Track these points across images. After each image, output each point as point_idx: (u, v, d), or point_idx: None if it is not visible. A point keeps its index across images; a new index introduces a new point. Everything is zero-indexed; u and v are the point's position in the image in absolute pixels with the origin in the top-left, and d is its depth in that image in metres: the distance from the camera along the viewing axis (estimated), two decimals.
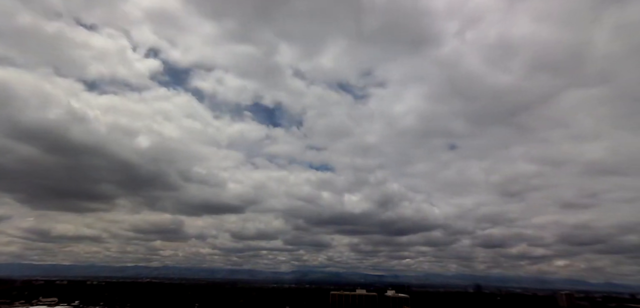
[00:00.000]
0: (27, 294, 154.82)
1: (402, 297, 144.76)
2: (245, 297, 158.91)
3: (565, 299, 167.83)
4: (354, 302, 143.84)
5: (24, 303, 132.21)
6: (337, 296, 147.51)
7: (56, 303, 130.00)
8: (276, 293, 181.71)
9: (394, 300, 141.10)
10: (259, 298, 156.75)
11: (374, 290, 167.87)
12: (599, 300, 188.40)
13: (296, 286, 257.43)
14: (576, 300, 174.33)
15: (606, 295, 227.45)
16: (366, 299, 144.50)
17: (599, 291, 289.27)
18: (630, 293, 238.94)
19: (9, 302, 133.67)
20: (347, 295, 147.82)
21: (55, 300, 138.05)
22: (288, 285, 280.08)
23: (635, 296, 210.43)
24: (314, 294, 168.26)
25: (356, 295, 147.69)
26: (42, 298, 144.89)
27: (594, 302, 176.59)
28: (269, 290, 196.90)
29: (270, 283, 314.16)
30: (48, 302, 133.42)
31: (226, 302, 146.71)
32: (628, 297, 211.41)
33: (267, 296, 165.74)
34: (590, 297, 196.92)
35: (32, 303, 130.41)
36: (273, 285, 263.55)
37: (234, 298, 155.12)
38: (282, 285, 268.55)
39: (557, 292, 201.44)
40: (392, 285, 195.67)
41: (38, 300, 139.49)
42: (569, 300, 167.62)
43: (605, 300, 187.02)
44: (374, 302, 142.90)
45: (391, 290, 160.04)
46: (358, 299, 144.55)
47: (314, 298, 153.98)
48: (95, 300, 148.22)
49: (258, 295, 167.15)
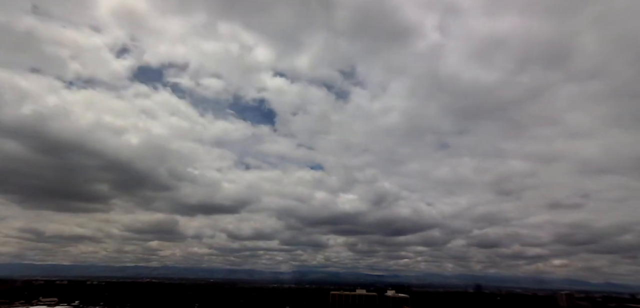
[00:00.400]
0: (27, 294, 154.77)
1: (402, 297, 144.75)
2: (245, 297, 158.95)
3: (565, 299, 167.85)
4: (354, 302, 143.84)
5: (24, 303, 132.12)
6: (337, 296, 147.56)
7: (56, 303, 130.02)
8: (276, 293, 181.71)
9: (394, 300, 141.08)
10: (258, 298, 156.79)
11: (374, 290, 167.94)
12: (599, 300, 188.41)
13: (296, 286, 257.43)
14: (576, 300, 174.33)
15: (606, 295, 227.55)
16: (366, 299, 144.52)
17: (598, 291, 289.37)
18: (630, 293, 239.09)
19: (9, 302, 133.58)
20: (347, 295, 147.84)
21: (55, 300, 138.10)
22: (288, 285, 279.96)
23: (635, 296, 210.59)
24: (313, 294, 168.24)
25: (356, 295, 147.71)
26: (42, 298, 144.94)
27: (594, 302, 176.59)
28: (268, 290, 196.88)
29: (270, 283, 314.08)
30: (48, 301, 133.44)
31: (226, 302, 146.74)
32: (628, 297, 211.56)
33: (267, 296, 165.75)
34: (590, 297, 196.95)
35: (32, 303, 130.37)
36: (273, 285, 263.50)
37: (233, 298, 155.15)
38: (282, 285, 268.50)
39: (557, 292, 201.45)
40: (392, 285, 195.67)
41: (38, 300, 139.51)
42: (569, 300, 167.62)
43: (605, 300, 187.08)
44: (374, 302, 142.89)
45: (391, 290, 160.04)
46: (358, 299, 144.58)
47: (314, 298, 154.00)
48: (95, 300, 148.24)
49: (258, 295, 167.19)
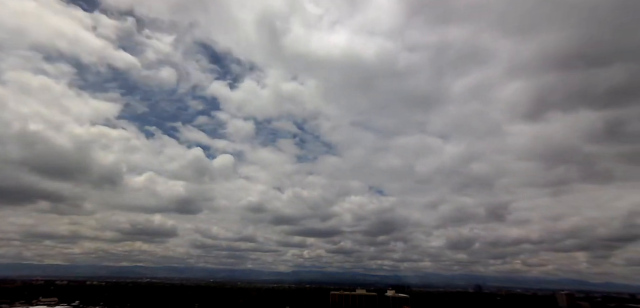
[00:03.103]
0: (27, 294, 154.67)
1: (402, 297, 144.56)
2: (245, 297, 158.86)
3: (565, 299, 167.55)
4: (354, 301, 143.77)
5: (24, 303, 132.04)
6: (337, 296, 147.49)
7: (56, 303, 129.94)
8: (276, 293, 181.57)
9: (394, 300, 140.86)
10: (258, 298, 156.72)
11: (374, 290, 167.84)
12: (599, 300, 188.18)
13: (296, 286, 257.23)
14: (576, 300, 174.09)
15: (606, 295, 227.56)
16: (366, 299, 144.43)
17: (599, 291, 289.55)
18: (630, 293, 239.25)
19: (9, 302, 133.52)
20: (347, 295, 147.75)
21: (55, 300, 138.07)
22: (288, 285, 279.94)
23: (635, 296, 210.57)
24: (314, 294, 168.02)
25: (356, 295, 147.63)
26: (42, 298, 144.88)
27: (594, 302, 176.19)
28: (268, 290, 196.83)
29: (270, 283, 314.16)
30: (48, 301, 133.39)
31: (226, 302, 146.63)
32: (628, 297, 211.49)
33: (267, 296, 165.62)
34: (590, 297, 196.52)
35: (32, 303, 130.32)
36: (273, 285, 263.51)
37: (233, 298, 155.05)
38: (282, 285, 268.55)
39: (557, 292, 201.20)
40: (392, 285, 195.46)
41: (38, 300, 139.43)
42: (569, 300, 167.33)
43: (605, 300, 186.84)
44: (374, 302, 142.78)
45: (391, 290, 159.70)
46: (358, 299, 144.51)
47: (314, 298, 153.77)
48: (95, 300, 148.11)
49: (258, 295, 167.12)
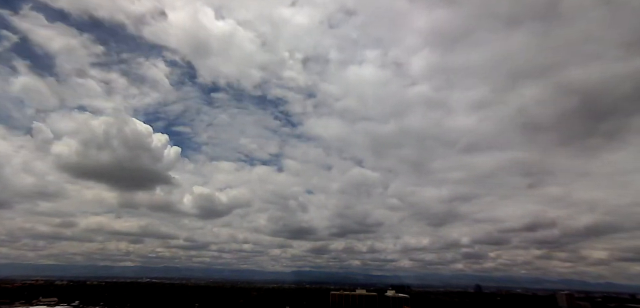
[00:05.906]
0: (27, 294, 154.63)
1: (402, 297, 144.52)
2: (245, 297, 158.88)
3: (565, 299, 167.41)
4: (354, 301, 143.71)
5: (24, 303, 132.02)
6: (337, 296, 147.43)
7: (56, 303, 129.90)
8: (276, 293, 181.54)
9: (394, 300, 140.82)
10: (259, 298, 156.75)
11: (374, 290, 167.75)
12: (599, 300, 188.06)
13: (296, 286, 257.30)
14: (576, 300, 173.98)
15: (606, 295, 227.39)
16: (366, 299, 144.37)
17: (599, 291, 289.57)
18: (630, 293, 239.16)
19: (9, 301, 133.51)
20: (347, 295, 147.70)
21: (55, 300, 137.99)
22: (288, 285, 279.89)
23: (635, 296, 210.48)
24: (314, 294, 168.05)
25: (356, 295, 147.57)
26: (42, 298, 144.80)
27: (594, 302, 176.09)
28: (269, 290, 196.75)
29: (270, 283, 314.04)
30: (48, 301, 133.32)
31: (226, 302, 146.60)
32: (628, 297, 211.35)
33: (267, 296, 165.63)
34: (590, 297, 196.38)
35: (32, 303, 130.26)
36: (273, 285, 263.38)
37: (233, 298, 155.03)
38: (282, 285, 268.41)
39: (557, 292, 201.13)
40: (393, 285, 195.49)
41: (38, 300, 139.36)
42: (569, 300, 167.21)
43: (605, 300, 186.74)
44: (374, 301, 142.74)
45: (391, 290, 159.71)
46: (358, 299, 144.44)
47: (314, 298, 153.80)
48: (95, 300, 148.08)
49: (258, 295, 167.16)
